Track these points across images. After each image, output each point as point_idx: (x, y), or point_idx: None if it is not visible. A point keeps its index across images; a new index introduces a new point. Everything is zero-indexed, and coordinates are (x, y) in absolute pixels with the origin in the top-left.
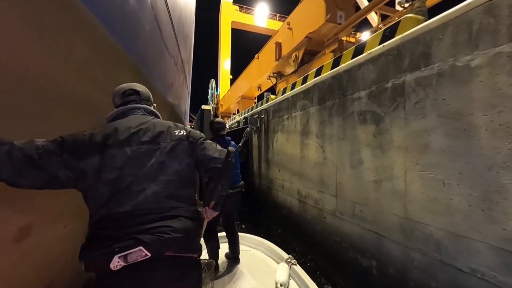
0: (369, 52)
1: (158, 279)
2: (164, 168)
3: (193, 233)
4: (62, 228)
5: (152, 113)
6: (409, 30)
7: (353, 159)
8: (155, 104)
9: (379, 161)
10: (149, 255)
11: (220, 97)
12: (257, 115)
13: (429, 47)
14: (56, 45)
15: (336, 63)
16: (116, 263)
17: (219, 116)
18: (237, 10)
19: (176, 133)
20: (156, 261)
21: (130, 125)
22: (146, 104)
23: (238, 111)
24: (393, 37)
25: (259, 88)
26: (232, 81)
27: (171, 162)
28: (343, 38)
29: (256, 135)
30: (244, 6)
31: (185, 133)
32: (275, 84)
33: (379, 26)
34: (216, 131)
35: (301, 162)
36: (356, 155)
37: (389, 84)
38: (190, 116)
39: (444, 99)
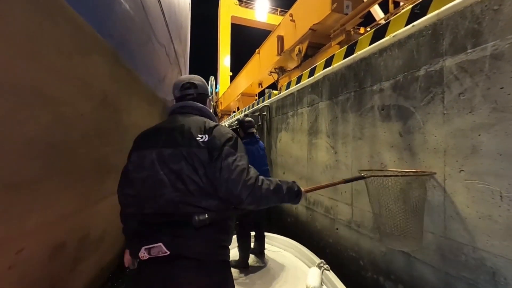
0: (393, 34)
1: (179, 276)
2: (182, 176)
3: (209, 240)
4: (14, 254)
5: (197, 110)
6: (447, 4)
7: (373, 163)
8: (211, 97)
9: (407, 166)
10: (168, 252)
11: (220, 95)
12: (258, 112)
13: (480, 22)
14: None
15: (350, 50)
16: (143, 254)
17: (219, 114)
18: (236, 5)
19: (197, 139)
20: (178, 259)
21: (164, 127)
22: (201, 98)
23: (238, 109)
24: (425, 14)
25: (260, 84)
26: (232, 78)
27: (188, 171)
28: (350, 29)
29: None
30: (244, 0)
31: (206, 139)
32: (277, 80)
33: (383, 19)
34: (246, 128)
35: (309, 164)
36: (377, 157)
37: (421, 72)
38: None
39: (502, 87)
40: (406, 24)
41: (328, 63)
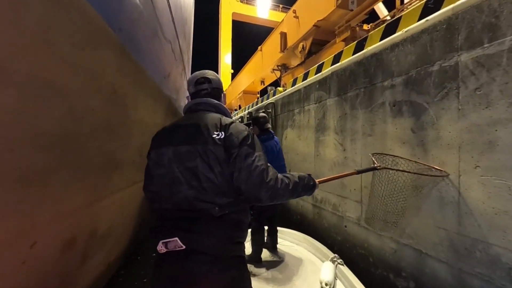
0: (405, 30)
1: (196, 271)
2: (197, 174)
3: (224, 237)
4: (28, 249)
5: (213, 106)
6: None
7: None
8: (225, 92)
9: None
10: (184, 247)
11: None
12: (263, 110)
13: (497, 16)
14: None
15: (359, 46)
16: (160, 247)
17: None
18: (238, 1)
19: (214, 136)
20: (195, 254)
21: (181, 124)
22: (216, 93)
23: (240, 107)
24: (439, 8)
25: (262, 82)
26: (233, 76)
27: (203, 168)
28: (355, 26)
29: None
30: None
31: (222, 136)
32: (280, 78)
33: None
34: (262, 125)
35: (316, 161)
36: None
37: (435, 67)
38: None
39: None
40: (419, 19)
41: (336, 59)
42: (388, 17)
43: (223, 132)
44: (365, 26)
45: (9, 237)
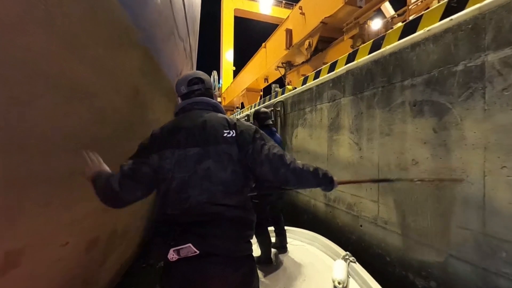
0: (427, 29)
1: (210, 272)
2: (209, 175)
3: (237, 237)
4: (62, 247)
5: (211, 106)
6: None
7: (403, 159)
8: (217, 93)
9: (442, 162)
10: (197, 252)
11: (223, 90)
12: (271, 108)
13: None
14: (38, 8)
15: (376, 45)
16: (171, 255)
17: None
18: None
19: (225, 135)
20: (207, 257)
21: (185, 125)
22: (209, 93)
23: (242, 105)
24: (463, 8)
25: (266, 79)
26: (235, 73)
27: (216, 169)
28: (363, 23)
29: None
30: None
31: (234, 135)
32: (284, 75)
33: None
34: (262, 120)
35: (329, 161)
36: (408, 154)
37: (459, 67)
38: None
39: None
40: (441, 18)
41: (351, 57)
42: (396, 15)
43: (233, 131)
44: (369, 23)
45: (47, 235)
